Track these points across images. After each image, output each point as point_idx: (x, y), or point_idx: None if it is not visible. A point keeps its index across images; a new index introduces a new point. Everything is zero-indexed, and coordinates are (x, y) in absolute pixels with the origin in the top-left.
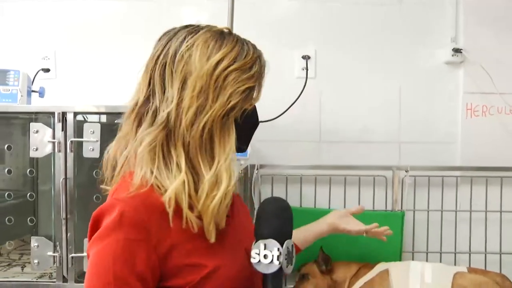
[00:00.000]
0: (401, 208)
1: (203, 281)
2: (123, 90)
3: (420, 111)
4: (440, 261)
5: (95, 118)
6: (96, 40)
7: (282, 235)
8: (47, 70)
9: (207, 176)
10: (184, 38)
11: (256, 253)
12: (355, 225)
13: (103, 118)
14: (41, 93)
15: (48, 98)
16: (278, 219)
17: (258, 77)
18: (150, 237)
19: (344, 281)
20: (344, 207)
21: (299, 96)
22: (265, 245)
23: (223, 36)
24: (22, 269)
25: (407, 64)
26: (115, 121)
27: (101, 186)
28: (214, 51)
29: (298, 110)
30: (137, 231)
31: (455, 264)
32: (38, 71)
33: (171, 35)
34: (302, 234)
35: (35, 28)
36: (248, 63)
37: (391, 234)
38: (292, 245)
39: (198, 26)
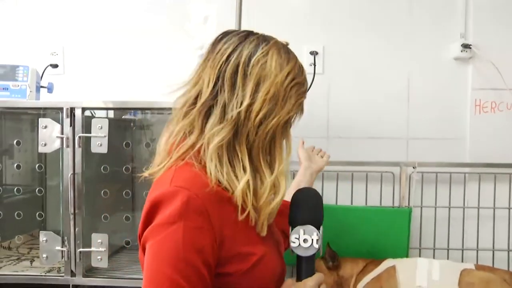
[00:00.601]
0: (409, 204)
1: (252, 268)
2: (130, 86)
3: (429, 107)
4: (448, 258)
5: (103, 113)
6: (104, 36)
7: (317, 221)
8: (56, 66)
9: (268, 178)
10: (258, 44)
11: (296, 238)
12: (323, 162)
13: (111, 114)
14: (50, 89)
15: (57, 94)
16: (312, 207)
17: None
18: (212, 224)
19: (351, 277)
20: (351, 203)
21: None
22: (304, 230)
23: (289, 50)
24: (31, 263)
25: (415, 60)
26: (122, 117)
27: (145, 172)
28: (285, 62)
29: (306, 106)
30: (202, 219)
31: (462, 261)
32: (47, 66)
33: (240, 38)
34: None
35: (43, 23)
36: (304, 79)
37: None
38: (322, 231)
39: (263, 34)
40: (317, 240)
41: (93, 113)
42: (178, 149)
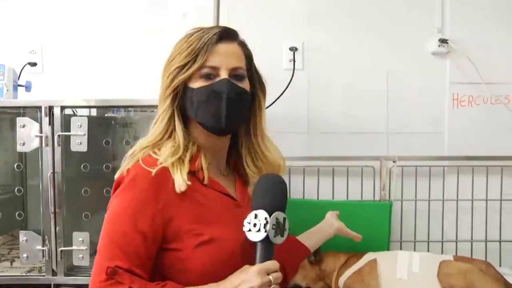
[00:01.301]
0: (389, 198)
1: (199, 247)
2: (110, 84)
3: (407, 102)
4: (428, 250)
5: (84, 112)
6: (83, 34)
7: (273, 207)
8: (34, 64)
9: None
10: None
11: (247, 222)
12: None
13: (93, 112)
14: (28, 87)
15: (36, 92)
16: (270, 192)
17: (191, 54)
18: (157, 200)
19: (333, 271)
20: (333, 197)
21: (286, 88)
22: (255, 215)
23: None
24: (11, 264)
25: (394, 55)
26: (105, 115)
27: None
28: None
29: (286, 102)
30: (145, 193)
31: (442, 253)
32: (25, 65)
33: None
34: (314, 239)
35: (21, 21)
36: (184, 47)
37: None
38: (284, 218)
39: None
40: (264, 224)
41: (74, 111)
42: None
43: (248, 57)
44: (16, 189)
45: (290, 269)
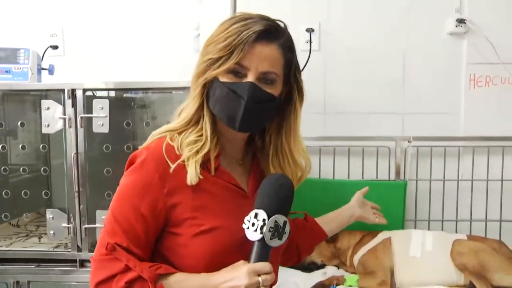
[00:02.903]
0: (404, 177)
1: (198, 236)
2: (130, 65)
3: (424, 82)
4: (442, 229)
5: (103, 93)
6: (103, 17)
7: (274, 210)
8: (56, 47)
9: None
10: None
11: (247, 220)
12: (372, 216)
13: (112, 93)
14: (51, 71)
15: (57, 75)
16: (275, 195)
17: (226, 49)
18: (162, 185)
19: (348, 249)
20: (348, 177)
21: (303, 69)
22: (256, 214)
23: (227, 19)
24: (39, 240)
25: (411, 36)
26: (124, 95)
27: None
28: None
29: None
30: (151, 178)
31: (456, 232)
32: (47, 48)
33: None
34: (332, 225)
35: (42, 5)
36: (222, 38)
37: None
38: (285, 222)
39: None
40: (261, 226)
41: (94, 93)
42: None
43: (288, 60)
44: (42, 169)
45: (305, 250)
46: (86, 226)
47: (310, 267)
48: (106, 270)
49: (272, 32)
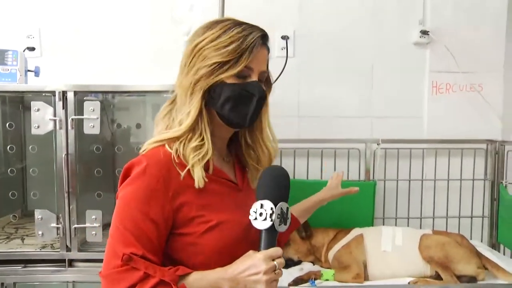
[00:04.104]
0: (373, 178)
1: (207, 232)
2: (107, 67)
3: (391, 88)
4: (408, 226)
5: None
6: (81, 18)
7: (277, 198)
8: (33, 49)
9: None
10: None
11: (253, 211)
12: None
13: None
14: (37, 72)
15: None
16: (275, 184)
17: (235, 53)
18: (167, 189)
19: (323, 246)
20: (321, 177)
21: (280, 75)
22: (261, 204)
23: (213, 23)
24: (23, 241)
25: (379, 45)
26: (84, 98)
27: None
28: (197, 35)
29: (278, 87)
30: (156, 183)
31: (420, 228)
32: (24, 50)
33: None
34: (302, 205)
35: (18, 6)
36: (225, 42)
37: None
38: (287, 208)
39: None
40: (270, 214)
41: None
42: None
43: (268, 60)
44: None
45: (283, 240)
46: (76, 226)
47: (287, 264)
48: (124, 282)
49: (265, 36)
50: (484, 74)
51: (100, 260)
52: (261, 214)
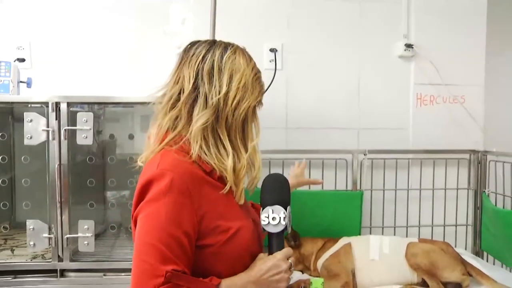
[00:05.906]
0: (360, 188)
1: (229, 240)
2: (98, 79)
3: (377, 101)
4: (394, 234)
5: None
6: (71, 30)
7: (284, 202)
8: (22, 60)
9: (245, 155)
10: (226, 47)
11: (265, 217)
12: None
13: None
14: (29, 84)
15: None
16: (280, 190)
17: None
18: (193, 201)
19: (311, 255)
20: (309, 187)
21: (268, 87)
22: (272, 210)
23: (247, 52)
24: (13, 252)
25: (365, 58)
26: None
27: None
28: (249, 59)
29: (267, 99)
30: (183, 197)
31: (407, 236)
32: (14, 61)
33: (210, 43)
34: None
35: (8, 17)
36: (261, 74)
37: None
38: (290, 210)
39: (225, 41)
40: (284, 217)
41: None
42: (168, 136)
43: None
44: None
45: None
46: (68, 235)
47: None
48: None
49: None
50: (466, 87)
51: (92, 270)
52: (274, 219)
